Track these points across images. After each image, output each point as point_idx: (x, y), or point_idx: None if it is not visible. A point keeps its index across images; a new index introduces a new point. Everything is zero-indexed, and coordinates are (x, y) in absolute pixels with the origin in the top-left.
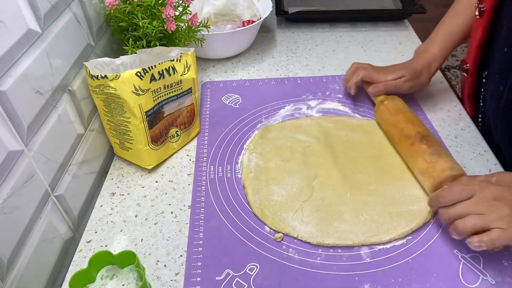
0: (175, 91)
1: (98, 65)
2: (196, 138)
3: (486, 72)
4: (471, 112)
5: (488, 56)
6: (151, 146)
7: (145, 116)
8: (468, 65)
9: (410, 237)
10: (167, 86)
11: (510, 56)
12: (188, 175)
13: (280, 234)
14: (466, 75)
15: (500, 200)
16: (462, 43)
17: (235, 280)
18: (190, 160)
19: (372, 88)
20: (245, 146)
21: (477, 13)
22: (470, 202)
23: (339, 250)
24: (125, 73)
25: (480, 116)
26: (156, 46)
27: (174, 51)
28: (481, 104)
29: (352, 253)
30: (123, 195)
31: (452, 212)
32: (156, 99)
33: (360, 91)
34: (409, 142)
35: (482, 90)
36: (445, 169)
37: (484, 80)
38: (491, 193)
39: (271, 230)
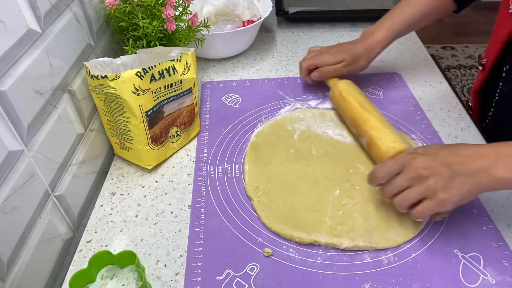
0: (175, 91)
1: (98, 65)
2: (196, 138)
3: (507, 66)
4: (475, 105)
5: (510, 52)
6: (151, 146)
7: (145, 116)
8: (485, 60)
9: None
10: (167, 86)
11: None
12: (188, 175)
13: (270, 250)
14: (481, 69)
15: (427, 169)
16: (406, 34)
17: (236, 280)
18: (190, 160)
19: (312, 75)
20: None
21: (511, 7)
22: (401, 176)
23: (340, 250)
24: (125, 73)
25: (492, 109)
26: (156, 46)
27: (174, 51)
28: (497, 97)
29: (352, 253)
30: (123, 195)
31: (389, 189)
32: (156, 99)
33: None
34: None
35: (500, 84)
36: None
37: (504, 75)
38: (419, 164)
39: (272, 232)
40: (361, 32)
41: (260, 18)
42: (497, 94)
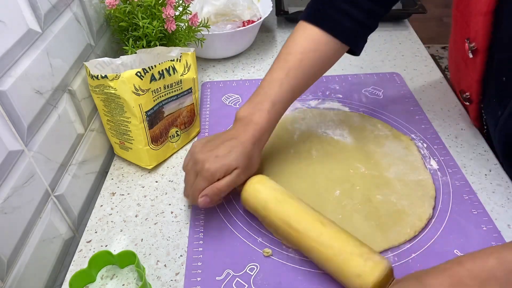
0: (175, 91)
1: (98, 65)
2: (196, 138)
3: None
4: (477, 97)
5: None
6: (151, 146)
7: (145, 116)
8: (468, 94)
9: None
10: (167, 86)
11: (508, 83)
12: None
13: (269, 250)
14: (468, 103)
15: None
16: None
17: (236, 280)
18: None
19: (201, 200)
20: None
21: (470, 54)
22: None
23: None
24: (125, 73)
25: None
26: (156, 46)
27: (174, 51)
28: (485, 127)
29: None
30: (123, 195)
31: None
32: (156, 99)
33: (357, 90)
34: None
35: (483, 113)
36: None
37: (482, 105)
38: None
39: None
40: None
41: (260, 18)
42: (484, 124)
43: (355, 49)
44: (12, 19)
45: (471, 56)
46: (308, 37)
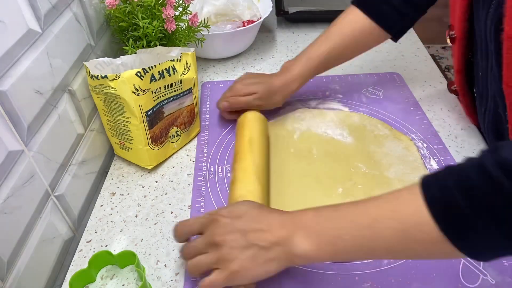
0: (175, 91)
1: (98, 65)
2: (196, 138)
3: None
4: (461, 89)
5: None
6: (151, 146)
7: (145, 116)
8: (455, 86)
9: None
10: (167, 86)
11: (484, 79)
12: (188, 175)
13: None
14: (456, 96)
15: (222, 235)
16: (328, 69)
17: None
18: (190, 160)
19: (221, 104)
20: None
21: (448, 41)
22: (200, 239)
23: None
24: (125, 73)
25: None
26: (156, 46)
27: (174, 51)
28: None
29: None
30: (123, 195)
31: (186, 251)
32: (156, 99)
33: (358, 90)
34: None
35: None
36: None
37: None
38: (216, 229)
39: None
40: None
41: (260, 18)
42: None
43: (394, 36)
44: (12, 19)
45: (449, 43)
46: (353, 18)
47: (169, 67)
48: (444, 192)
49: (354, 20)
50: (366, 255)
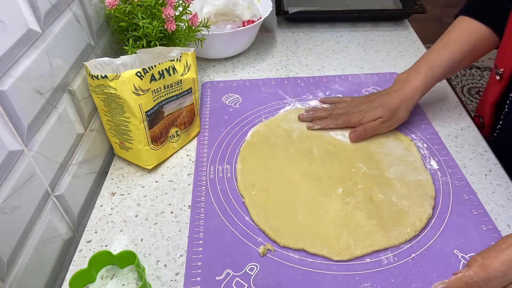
0: (175, 91)
1: (98, 65)
2: (196, 138)
3: None
4: (489, 121)
5: None
6: (151, 146)
7: (145, 116)
8: (502, 69)
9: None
10: (167, 86)
11: None
12: (188, 175)
13: (264, 248)
14: (499, 79)
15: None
16: (446, 77)
17: (235, 280)
18: (190, 160)
19: (352, 134)
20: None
21: (497, 77)
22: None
23: None
24: (125, 73)
25: (500, 122)
26: (156, 46)
27: (174, 51)
28: (506, 110)
29: None
30: (123, 195)
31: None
32: (156, 99)
33: (358, 90)
34: None
35: (511, 95)
36: None
37: None
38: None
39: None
40: (361, 32)
41: (260, 18)
42: (506, 106)
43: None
44: (12, 19)
45: (497, 78)
46: (468, 26)
47: (169, 67)
48: None
49: (469, 27)
50: None
